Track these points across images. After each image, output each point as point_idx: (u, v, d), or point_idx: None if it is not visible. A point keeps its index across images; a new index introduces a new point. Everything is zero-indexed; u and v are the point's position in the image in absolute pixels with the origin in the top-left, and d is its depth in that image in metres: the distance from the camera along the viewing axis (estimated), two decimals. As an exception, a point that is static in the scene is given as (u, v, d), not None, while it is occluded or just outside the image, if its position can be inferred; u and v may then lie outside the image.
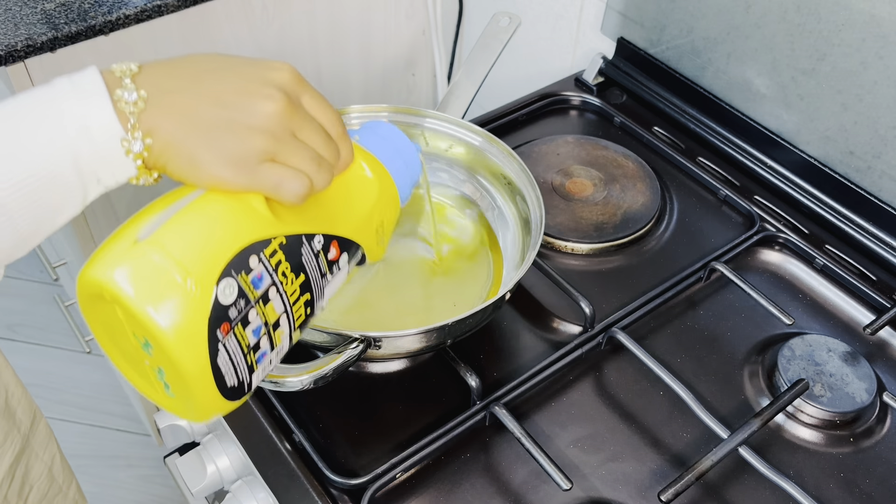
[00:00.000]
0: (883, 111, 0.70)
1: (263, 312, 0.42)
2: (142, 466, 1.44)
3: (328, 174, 0.43)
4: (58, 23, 0.82)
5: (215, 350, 0.39)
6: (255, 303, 0.41)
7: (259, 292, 0.41)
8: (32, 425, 0.67)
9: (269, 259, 0.42)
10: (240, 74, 0.41)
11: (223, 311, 0.39)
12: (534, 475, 0.58)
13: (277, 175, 0.41)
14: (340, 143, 0.45)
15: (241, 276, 0.40)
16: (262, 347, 0.42)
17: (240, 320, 0.40)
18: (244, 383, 0.42)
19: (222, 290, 0.39)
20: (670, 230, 0.77)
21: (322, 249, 0.45)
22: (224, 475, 0.65)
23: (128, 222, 0.41)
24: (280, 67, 0.42)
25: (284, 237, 0.42)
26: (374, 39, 1.13)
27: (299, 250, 0.44)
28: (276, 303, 0.42)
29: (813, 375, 0.63)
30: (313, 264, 0.45)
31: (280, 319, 0.43)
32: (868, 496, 0.58)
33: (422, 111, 0.72)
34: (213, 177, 0.40)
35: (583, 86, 0.94)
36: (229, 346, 0.40)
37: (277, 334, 0.44)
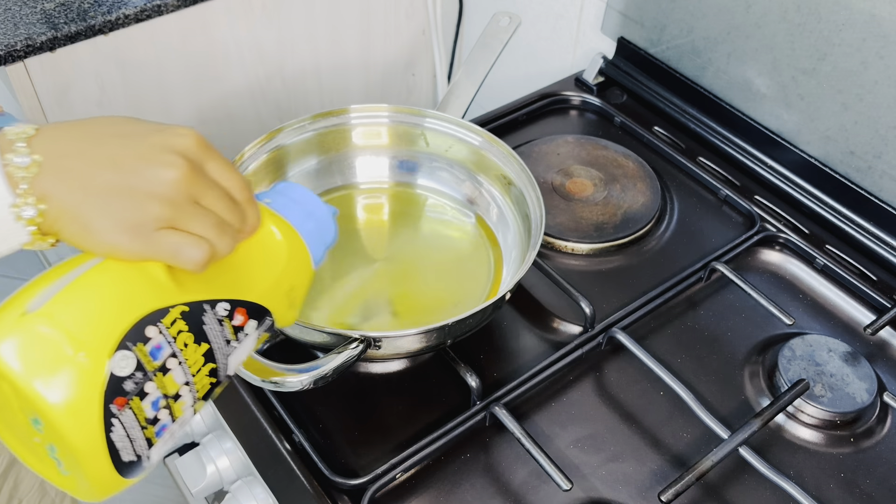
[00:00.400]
0: (883, 111, 0.70)
1: (163, 384, 0.40)
2: (141, 466, 1.44)
3: (231, 240, 0.42)
4: (57, 23, 0.82)
5: (110, 425, 0.38)
6: (154, 374, 0.40)
7: (157, 363, 0.40)
8: None
9: (169, 328, 0.40)
10: (142, 140, 0.40)
11: (118, 385, 0.38)
12: (534, 475, 0.58)
13: (175, 242, 0.39)
14: (247, 208, 0.43)
15: (137, 347, 0.39)
16: (163, 420, 0.41)
17: (137, 393, 0.39)
18: (142, 458, 0.41)
19: (117, 363, 0.38)
20: (670, 230, 0.77)
21: (227, 316, 0.44)
22: (224, 475, 0.65)
23: (17, 293, 0.39)
24: (184, 133, 0.41)
25: (186, 305, 0.41)
26: (374, 39, 1.13)
27: (201, 318, 0.42)
28: (177, 373, 0.41)
29: (813, 375, 0.63)
30: (217, 331, 0.43)
31: (181, 390, 0.42)
32: (868, 496, 0.58)
33: (422, 111, 0.72)
34: (109, 244, 0.39)
35: (583, 86, 0.94)
36: (125, 421, 0.39)
37: (178, 405, 0.42)
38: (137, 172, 0.39)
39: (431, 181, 0.75)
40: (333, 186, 0.74)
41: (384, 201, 0.74)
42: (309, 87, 1.11)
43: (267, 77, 1.05)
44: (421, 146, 0.74)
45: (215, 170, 0.42)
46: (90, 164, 0.39)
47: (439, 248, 0.70)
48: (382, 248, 0.70)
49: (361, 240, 0.71)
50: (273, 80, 1.06)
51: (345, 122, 0.72)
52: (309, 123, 0.70)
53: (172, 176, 0.39)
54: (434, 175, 0.75)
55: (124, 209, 0.38)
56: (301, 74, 1.08)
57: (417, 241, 0.71)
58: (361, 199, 0.74)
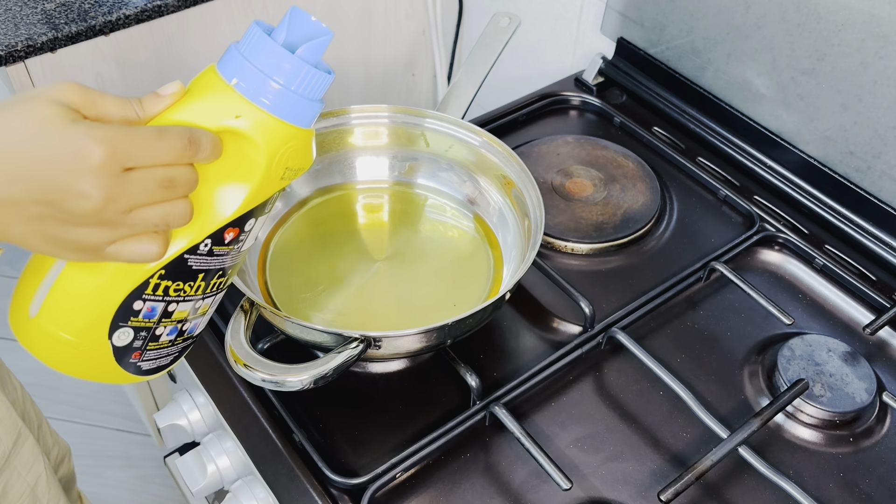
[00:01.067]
0: (883, 111, 0.70)
1: (171, 321, 0.44)
2: (142, 466, 1.44)
3: (182, 217, 0.40)
4: (58, 23, 0.82)
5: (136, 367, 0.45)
6: (157, 324, 0.44)
7: (156, 318, 0.43)
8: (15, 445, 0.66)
9: (153, 294, 0.42)
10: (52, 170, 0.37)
11: (126, 349, 0.44)
12: (534, 475, 0.58)
13: (126, 251, 0.40)
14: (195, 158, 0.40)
15: (130, 322, 0.43)
16: (188, 326, 0.46)
17: (148, 341, 0.44)
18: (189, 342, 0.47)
19: (117, 338, 0.43)
20: (670, 230, 0.77)
21: (214, 244, 0.43)
22: (224, 475, 0.65)
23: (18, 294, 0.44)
24: (89, 153, 0.36)
25: (162, 269, 0.42)
26: (374, 39, 1.13)
27: (185, 266, 0.43)
28: (182, 307, 0.44)
29: (813, 375, 0.63)
30: (207, 261, 0.44)
31: (197, 304, 0.45)
32: (868, 496, 0.58)
33: (422, 111, 0.72)
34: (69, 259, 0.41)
35: (583, 86, 0.94)
36: (149, 356, 0.45)
37: (202, 308, 0.46)
38: (60, 209, 0.37)
39: (431, 181, 0.75)
40: (334, 186, 0.74)
41: (384, 201, 0.74)
42: (309, 88, 1.11)
43: (267, 77, 1.05)
44: (421, 146, 0.74)
45: (140, 159, 0.38)
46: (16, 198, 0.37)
47: (439, 247, 0.70)
48: (382, 248, 0.70)
49: (361, 240, 0.71)
50: (273, 81, 1.06)
51: (345, 123, 0.72)
52: (309, 124, 0.70)
53: (91, 207, 0.37)
54: (434, 175, 0.75)
55: (66, 241, 0.39)
56: (301, 74, 1.08)
57: (417, 241, 0.71)
58: (361, 199, 0.74)
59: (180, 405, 0.68)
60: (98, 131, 0.37)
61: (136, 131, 0.38)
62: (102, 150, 0.37)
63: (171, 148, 0.39)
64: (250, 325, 0.55)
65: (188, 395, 0.69)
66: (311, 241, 0.70)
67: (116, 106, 0.40)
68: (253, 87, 0.42)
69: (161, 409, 0.70)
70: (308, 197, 0.73)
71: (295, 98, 0.43)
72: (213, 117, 0.41)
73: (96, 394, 1.54)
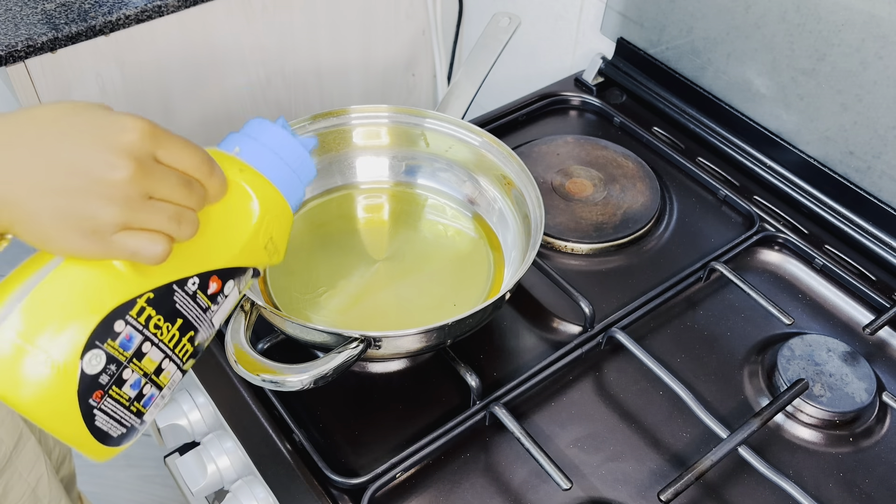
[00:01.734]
0: (883, 111, 0.70)
1: (140, 367, 0.41)
2: (142, 466, 1.44)
3: (190, 226, 0.41)
4: (58, 23, 0.82)
5: (91, 416, 0.40)
6: (128, 363, 0.41)
7: (130, 352, 0.41)
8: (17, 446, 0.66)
9: (137, 318, 0.41)
10: (85, 139, 0.39)
11: (93, 381, 0.39)
12: (534, 475, 0.58)
13: (133, 243, 0.39)
14: (207, 181, 0.43)
15: (107, 344, 0.40)
16: (146, 393, 0.42)
17: (113, 383, 0.40)
18: (133, 427, 0.42)
19: (88, 362, 0.39)
20: (670, 230, 0.77)
21: (199, 289, 0.44)
22: (224, 475, 0.65)
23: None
24: (129, 128, 0.39)
25: (151, 292, 0.41)
26: (374, 39, 1.13)
27: (171, 299, 0.42)
28: (154, 354, 0.42)
29: (812, 375, 0.63)
30: (190, 306, 0.43)
31: (162, 364, 0.43)
32: (868, 496, 0.58)
33: (422, 111, 0.72)
34: (66, 249, 0.39)
35: (582, 86, 0.94)
36: (106, 408, 0.40)
37: (163, 377, 0.43)
38: (84, 177, 0.38)
39: (431, 181, 0.75)
40: (333, 186, 0.74)
41: (384, 201, 0.74)
42: (309, 88, 1.11)
43: (267, 77, 1.05)
44: (421, 146, 0.74)
45: (168, 154, 0.40)
46: (37, 168, 0.38)
47: (439, 248, 0.70)
48: (382, 248, 0.70)
49: (361, 240, 0.71)
50: (273, 81, 1.06)
51: (345, 123, 0.72)
52: (309, 124, 0.71)
53: (119, 178, 0.38)
54: (434, 175, 0.75)
55: (77, 216, 0.38)
56: (301, 75, 1.08)
57: (417, 241, 0.71)
58: (361, 200, 0.74)
59: (180, 405, 0.68)
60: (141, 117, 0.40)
61: (170, 131, 0.41)
62: (142, 129, 0.39)
63: (195, 156, 0.41)
64: (250, 325, 0.55)
65: (188, 395, 0.69)
66: (312, 242, 0.70)
67: None
68: (254, 156, 0.46)
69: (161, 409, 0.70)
70: (308, 198, 0.73)
71: (289, 173, 0.47)
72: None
73: (96, 394, 1.54)
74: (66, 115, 0.39)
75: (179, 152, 0.41)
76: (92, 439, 0.40)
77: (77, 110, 0.39)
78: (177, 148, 0.41)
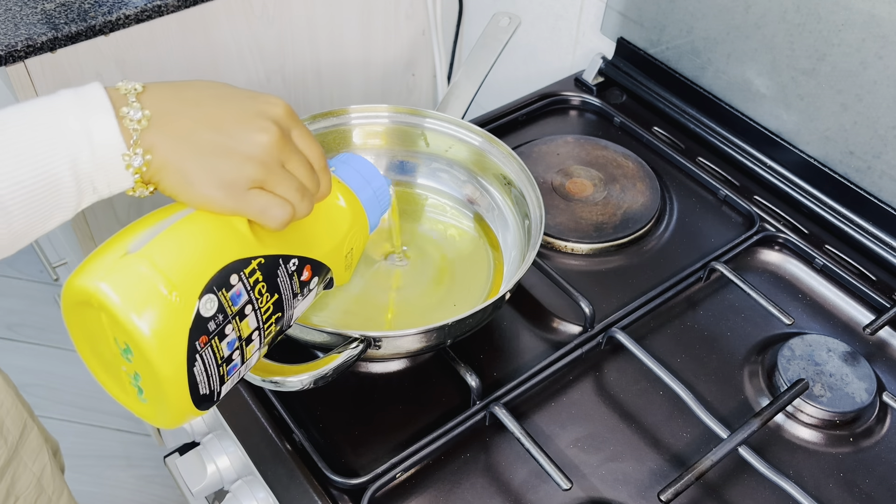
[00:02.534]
0: (883, 111, 0.70)
1: (239, 327, 0.44)
2: (142, 466, 1.44)
3: (309, 203, 0.46)
4: (58, 23, 0.82)
5: (193, 359, 0.41)
6: (233, 318, 0.43)
7: (236, 308, 0.43)
8: (22, 435, 0.67)
9: (248, 278, 0.44)
10: (238, 104, 0.44)
11: (203, 324, 0.42)
12: (534, 475, 0.58)
13: (264, 202, 0.43)
14: (321, 175, 0.47)
15: (221, 293, 0.42)
16: (233, 360, 0.45)
17: (217, 333, 0.43)
18: (214, 393, 0.44)
19: (204, 304, 0.42)
20: (670, 230, 0.77)
21: (296, 271, 0.47)
22: (224, 475, 0.65)
23: (118, 235, 0.43)
24: (276, 102, 0.45)
25: (263, 258, 0.45)
26: (374, 39, 1.13)
27: (276, 271, 0.46)
28: (251, 319, 0.45)
29: (813, 375, 0.63)
30: (287, 284, 0.47)
31: (253, 335, 0.45)
32: (868, 496, 0.58)
33: (422, 111, 0.72)
34: (204, 197, 0.42)
35: (583, 86, 0.94)
36: (205, 357, 0.42)
37: (249, 349, 0.46)
38: (235, 135, 0.42)
39: (431, 181, 0.75)
40: (333, 186, 0.74)
41: (384, 201, 0.74)
42: (309, 88, 1.11)
43: (267, 77, 1.05)
44: (421, 146, 0.74)
45: (299, 137, 0.46)
46: (193, 123, 0.42)
47: (439, 247, 0.70)
48: (383, 248, 0.70)
49: (361, 240, 0.71)
50: (273, 80, 1.06)
51: (345, 123, 0.72)
52: (309, 123, 0.71)
53: (266, 140, 0.43)
54: (434, 175, 0.75)
55: (222, 167, 0.42)
56: (301, 74, 1.08)
57: (417, 241, 0.71)
58: (361, 200, 0.74)
59: (180, 405, 0.68)
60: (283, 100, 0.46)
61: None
62: (285, 107, 0.45)
63: (318, 148, 0.47)
64: (250, 325, 0.55)
65: (188, 395, 0.69)
66: (311, 241, 0.70)
67: None
68: (347, 176, 0.53)
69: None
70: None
71: (373, 197, 0.54)
72: None
73: (96, 394, 1.54)
74: (224, 86, 0.45)
75: (308, 139, 0.46)
76: (185, 382, 0.42)
77: (226, 84, 0.45)
78: (306, 135, 0.46)
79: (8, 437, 0.64)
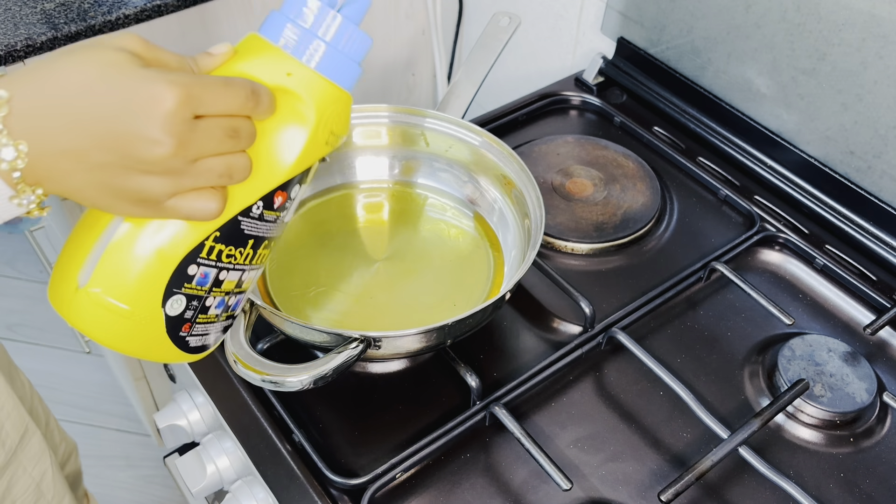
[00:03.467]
0: (883, 111, 0.70)
1: (220, 290, 0.43)
2: (142, 466, 1.44)
3: (243, 172, 0.41)
4: (57, 23, 0.82)
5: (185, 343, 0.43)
6: (209, 293, 0.43)
7: (208, 285, 0.42)
8: (22, 440, 0.66)
9: (208, 258, 0.42)
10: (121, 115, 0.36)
11: (178, 319, 0.42)
12: (534, 475, 0.58)
13: (186, 206, 0.39)
14: (254, 113, 0.41)
15: (184, 288, 0.42)
16: (231, 303, 0.45)
17: (198, 312, 0.43)
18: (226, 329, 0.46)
19: (170, 307, 0.41)
20: (670, 230, 0.77)
21: (265, 208, 0.43)
22: (224, 475, 0.65)
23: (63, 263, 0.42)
24: (163, 97, 0.36)
25: (217, 231, 0.42)
26: (374, 39, 1.13)
27: (238, 229, 0.43)
28: (231, 276, 0.43)
29: (813, 375, 0.63)
30: (258, 225, 0.44)
31: (242, 277, 0.44)
32: (868, 496, 0.58)
33: (422, 111, 0.72)
34: (121, 214, 0.40)
35: (583, 86, 0.94)
36: (197, 331, 0.43)
37: (245, 285, 0.45)
38: (125, 154, 0.37)
39: (431, 181, 0.75)
40: (333, 185, 0.74)
41: (384, 201, 0.74)
42: (309, 88, 1.11)
43: (267, 77, 1.05)
44: (421, 146, 0.74)
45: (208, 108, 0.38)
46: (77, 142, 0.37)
47: (439, 248, 0.70)
48: (382, 248, 0.70)
49: (361, 239, 0.71)
50: (273, 81, 1.06)
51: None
52: (309, 123, 0.70)
53: (160, 154, 0.37)
54: (434, 175, 0.75)
55: (123, 189, 0.38)
56: (301, 74, 1.08)
57: (417, 241, 0.71)
58: (361, 199, 0.74)
59: (180, 405, 0.68)
60: (172, 76, 0.37)
61: (206, 78, 0.38)
62: (177, 95, 0.36)
63: (237, 97, 0.39)
64: (250, 325, 0.55)
65: (188, 396, 0.69)
66: (311, 241, 0.70)
67: (174, 60, 0.40)
68: (300, 47, 0.42)
69: (161, 410, 0.70)
70: (308, 197, 0.73)
71: (340, 57, 0.44)
72: (263, 77, 0.41)
73: (96, 394, 1.54)
74: (97, 82, 0.37)
75: (219, 102, 0.38)
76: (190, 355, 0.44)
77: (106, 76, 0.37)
78: (215, 98, 0.38)
79: (6, 441, 0.64)
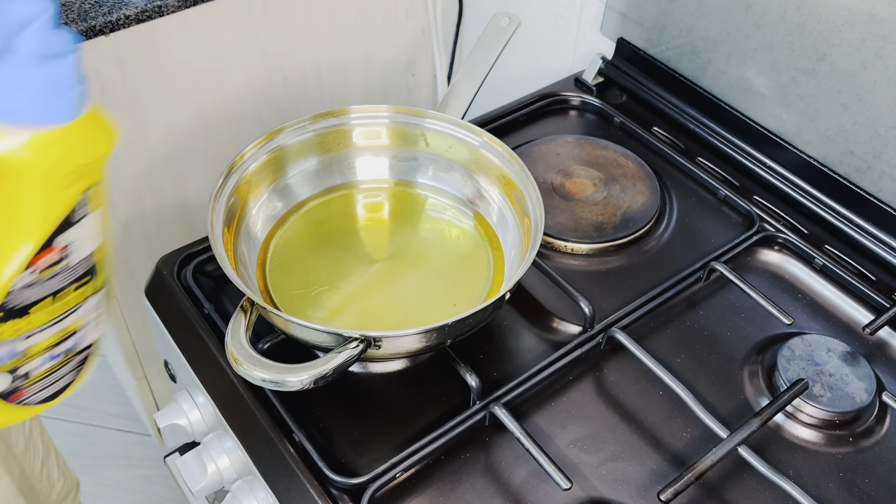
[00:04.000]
0: (883, 111, 0.70)
1: (38, 352, 0.38)
2: (142, 466, 1.44)
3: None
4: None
5: (28, 401, 0.39)
6: (17, 365, 0.38)
7: (18, 357, 0.37)
8: None
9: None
10: None
11: (6, 394, 0.39)
12: (534, 475, 0.58)
13: None
14: None
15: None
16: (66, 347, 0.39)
17: (22, 379, 0.38)
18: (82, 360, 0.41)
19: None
20: (670, 230, 0.77)
21: (36, 272, 0.36)
22: (224, 475, 0.65)
23: None
24: None
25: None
26: (374, 39, 1.13)
27: (13, 306, 0.36)
28: (39, 337, 0.38)
29: (812, 375, 0.63)
30: (37, 289, 0.37)
31: (57, 327, 0.38)
32: (868, 496, 0.58)
33: (422, 111, 0.72)
34: None
35: (582, 86, 0.94)
36: (36, 388, 0.39)
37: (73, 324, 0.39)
38: None
39: (431, 181, 0.75)
40: (333, 185, 0.74)
41: (384, 201, 0.74)
42: (309, 88, 1.11)
43: (267, 77, 1.05)
44: (421, 146, 0.74)
45: None
46: None
47: (439, 247, 0.70)
48: (382, 248, 0.70)
49: (361, 239, 0.71)
50: (273, 81, 1.06)
51: (345, 123, 0.72)
52: (309, 124, 0.71)
53: None
54: (434, 175, 0.75)
55: None
56: (301, 75, 1.08)
57: (417, 241, 0.71)
58: (361, 199, 0.74)
59: (180, 405, 0.68)
60: None
61: None
62: None
63: None
64: (250, 325, 0.56)
65: (188, 395, 0.69)
66: (311, 241, 0.70)
67: None
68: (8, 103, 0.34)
69: (161, 409, 0.70)
70: (308, 197, 0.73)
71: (29, 96, 0.34)
72: None
73: (96, 394, 1.54)
74: None
75: None
76: (47, 405, 0.39)
77: None
78: None
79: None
